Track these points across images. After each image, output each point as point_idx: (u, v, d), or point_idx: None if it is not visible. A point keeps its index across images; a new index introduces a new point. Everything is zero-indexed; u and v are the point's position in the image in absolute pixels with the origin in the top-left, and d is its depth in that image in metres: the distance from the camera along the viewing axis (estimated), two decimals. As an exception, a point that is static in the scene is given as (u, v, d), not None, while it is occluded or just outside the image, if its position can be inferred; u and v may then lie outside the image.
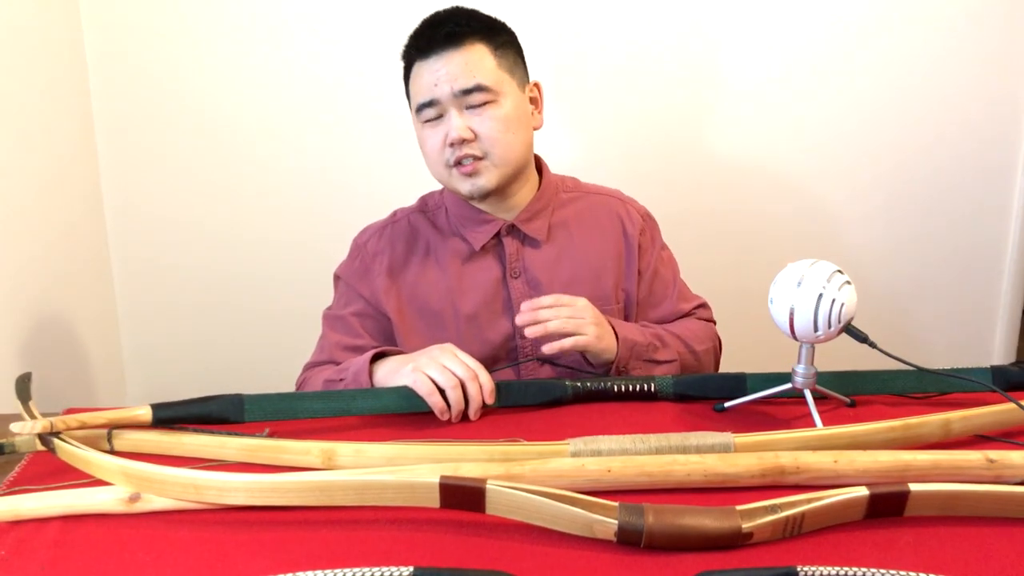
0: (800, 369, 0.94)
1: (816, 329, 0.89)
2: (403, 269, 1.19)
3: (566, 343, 1.04)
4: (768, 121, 1.83)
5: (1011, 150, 1.89)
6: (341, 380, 1.07)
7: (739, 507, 0.71)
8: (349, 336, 1.19)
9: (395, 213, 1.25)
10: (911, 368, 0.94)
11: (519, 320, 1.05)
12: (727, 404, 0.98)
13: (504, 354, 1.17)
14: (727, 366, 1.23)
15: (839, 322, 0.88)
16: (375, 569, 0.65)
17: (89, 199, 1.74)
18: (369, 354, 1.05)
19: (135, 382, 1.89)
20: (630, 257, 1.21)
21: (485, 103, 1.08)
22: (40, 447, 0.85)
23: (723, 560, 0.69)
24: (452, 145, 1.09)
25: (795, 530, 0.72)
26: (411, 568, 0.65)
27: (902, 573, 0.64)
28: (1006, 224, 1.93)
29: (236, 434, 0.89)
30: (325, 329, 1.22)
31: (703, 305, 1.29)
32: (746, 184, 1.87)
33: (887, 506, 0.73)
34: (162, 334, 1.87)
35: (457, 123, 1.08)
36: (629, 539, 0.70)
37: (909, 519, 0.74)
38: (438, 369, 0.95)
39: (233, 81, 1.74)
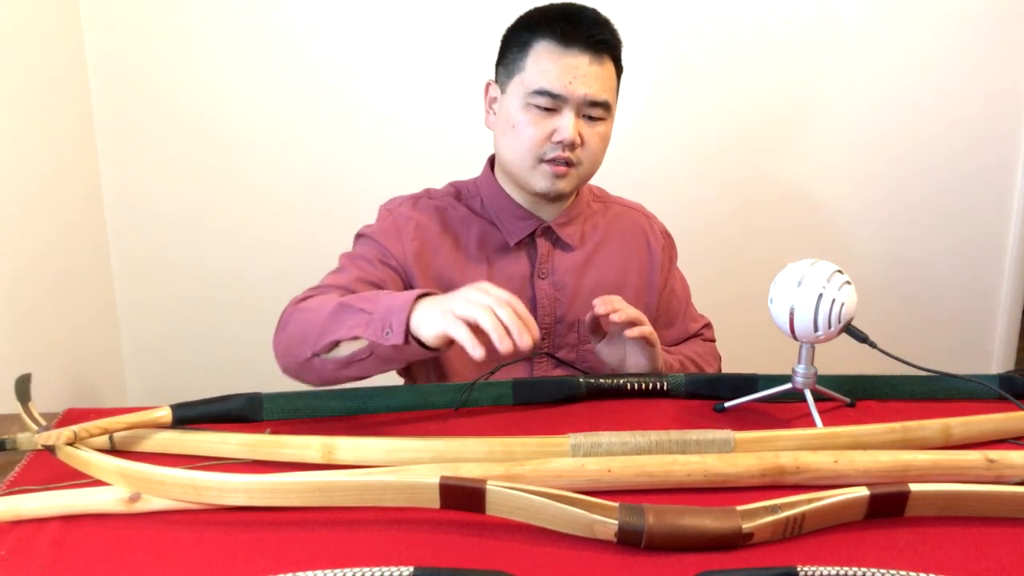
0: (800, 369, 0.94)
1: (816, 329, 0.89)
2: (434, 246, 1.15)
3: (645, 330, 1.03)
4: (768, 120, 1.84)
5: (1011, 150, 1.89)
6: (363, 311, 0.92)
7: (739, 507, 0.71)
8: (371, 274, 1.11)
9: (427, 191, 1.21)
10: (911, 367, 0.94)
11: (599, 308, 1.00)
12: (727, 404, 0.98)
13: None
14: (728, 366, 1.23)
15: (839, 322, 0.88)
16: (375, 569, 0.65)
17: (89, 199, 1.74)
18: (413, 293, 0.91)
19: (135, 382, 1.89)
20: (652, 272, 1.23)
21: (599, 119, 1.09)
22: (40, 446, 0.85)
23: (723, 560, 0.69)
24: (561, 143, 1.07)
25: (795, 530, 0.72)
26: (411, 568, 0.65)
27: (902, 573, 0.64)
28: (1006, 224, 1.94)
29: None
30: (344, 263, 1.14)
31: (708, 325, 1.33)
32: (745, 184, 1.88)
33: (887, 506, 0.73)
34: (162, 334, 1.87)
35: (575, 125, 1.06)
36: (629, 539, 0.70)
37: (909, 519, 0.74)
38: (466, 304, 0.84)
39: (233, 81, 1.74)
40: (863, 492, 0.72)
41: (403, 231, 1.14)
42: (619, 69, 1.12)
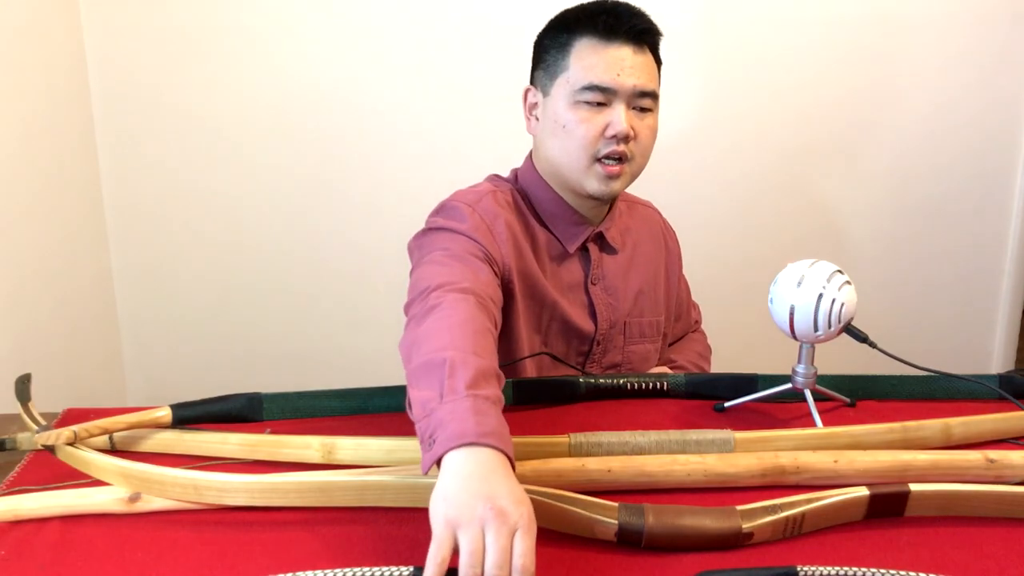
0: (800, 369, 0.94)
1: (816, 329, 0.89)
2: (521, 248, 1.07)
3: None
4: (769, 121, 1.83)
5: (1011, 150, 1.89)
6: (441, 390, 0.72)
7: (739, 507, 0.71)
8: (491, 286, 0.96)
9: (491, 186, 1.11)
10: (911, 367, 0.94)
11: None
12: (727, 404, 0.98)
13: (574, 359, 1.15)
14: (728, 366, 1.23)
15: (839, 322, 0.88)
16: (375, 569, 0.65)
17: (89, 199, 1.74)
18: (470, 428, 0.68)
19: (135, 382, 1.89)
20: (671, 269, 1.25)
21: (647, 110, 1.06)
22: (40, 446, 0.85)
23: (723, 560, 0.69)
24: (615, 138, 1.02)
25: (795, 530, 0.72)
26: (411, 568, 0.65)
27: (902, 573, 0.64)
28: (1006, 224, 1.94)
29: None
30: (450, 256, 0.97)
31: (698, 309, 1.38)
32: (746, 183, 1.87)
33: (887, 506, 0.73)
34: (162, 334, 1.87)
35: (627, 117, 1.03)
36: (629, 539, 0.70)
37: (909, 519, 0.74)
38: (470, 544, 0.61)
39: (233, 82, 1.74)
40: (863, 492, 0.72)
41: (495, 230, 1.05)
42: (658, 60, 1.08)
